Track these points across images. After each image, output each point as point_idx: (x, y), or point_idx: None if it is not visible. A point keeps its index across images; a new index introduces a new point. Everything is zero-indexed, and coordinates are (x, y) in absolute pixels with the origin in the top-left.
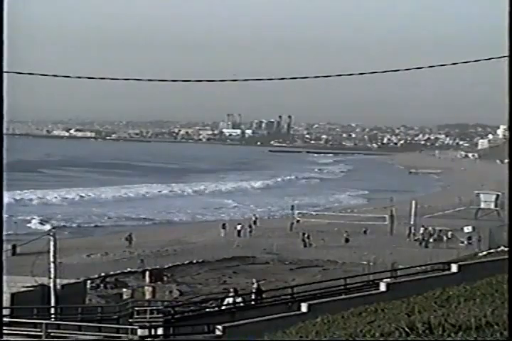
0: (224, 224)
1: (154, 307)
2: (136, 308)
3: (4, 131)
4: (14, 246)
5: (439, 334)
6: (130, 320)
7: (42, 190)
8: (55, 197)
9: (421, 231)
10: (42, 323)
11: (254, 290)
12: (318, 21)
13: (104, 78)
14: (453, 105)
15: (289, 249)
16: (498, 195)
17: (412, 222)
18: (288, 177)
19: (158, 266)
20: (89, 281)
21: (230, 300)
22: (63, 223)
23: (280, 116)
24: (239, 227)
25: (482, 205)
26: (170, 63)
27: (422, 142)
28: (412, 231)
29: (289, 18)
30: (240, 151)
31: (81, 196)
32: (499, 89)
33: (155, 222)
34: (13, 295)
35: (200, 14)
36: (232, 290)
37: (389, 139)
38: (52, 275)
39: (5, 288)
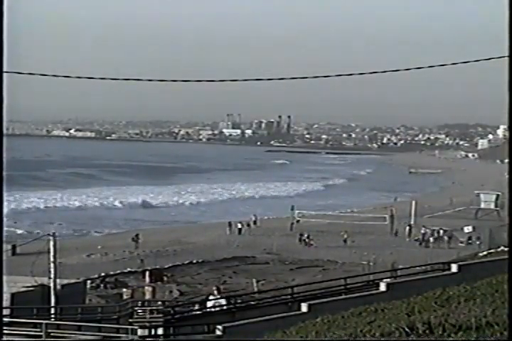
0: (230, 223)
1: (154, 307)
2: (136, 308)
3: (4, 131)
4: (14, 246)
5: (439, 334)
6: (130, 320)
7: (39, 191)
8: (53, 199)
9: (422, 231)
10: (42, 323)
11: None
12: (319, 21)
13: (104, 78)
14: (453, 105)
15: (289, 249)
16: (498, 195)
17: (412, 222)
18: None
19: (158, 266)
20: (89, 281)
21: (212, 302)
22: (62, 223)
23: (280, 116)
24: (239, 226)
25: (482, 205)
26: (170, 63)
27: (422, 142)
28: (407, 230)
29: (290, 17)
30: (245, 151)
31: (76, 197)
32: (499, 89)
33: (154, 223)
34: (13, 295)
35: (200, 13)
36: (214, 288)
37: (389, 139)
38: (52, 275)
39: (5, 288)
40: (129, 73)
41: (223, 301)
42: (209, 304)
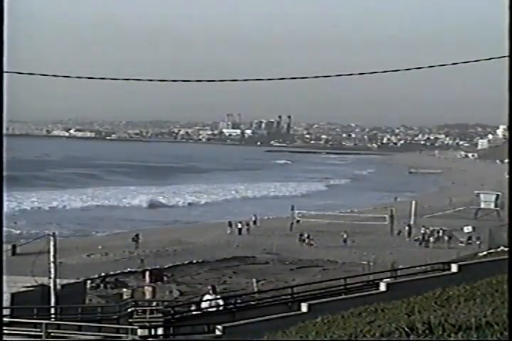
0: (230, 222)
1: (154, 307)
2: (136, 308)
3: (4, 131)
4: (14, 246)
5: (439, 334)
6: (130, 320)
7: (39, 191)
8: (53, 199)
9: (422, 231)
10: (42, 323)
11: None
12: (319, 21)
13: (104, 78)
14: (453, 105)
15: (289, 249)
16: (498, 195)
17: (412, 222)
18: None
19: (158, 266)
20: (89, 281)
21: (208, 298)
22: (62, 223)
23: (280, 116)
24: (239, 226)
25: (482, 205)
26: (170, 62)
27: (422, 142)
28: (407, 230)
29: (290, 17)
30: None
31: (76, 197)
32: (499, 89)
33: (154, 223)
34: (13, 295)
35: (201, 13)
36: (209, 287)
37: (389, 139)
38: (52, 275)
39: (5, 288)
40: (129, 73)
41: (220, 301)
42: (204, 304)
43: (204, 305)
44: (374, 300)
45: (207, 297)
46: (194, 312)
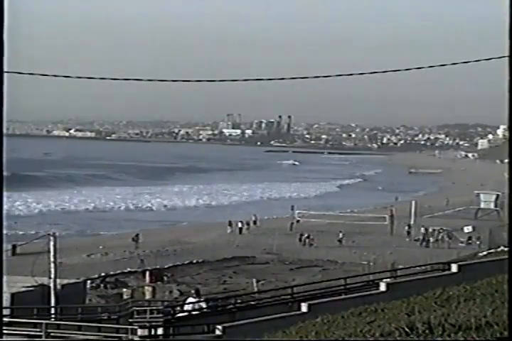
0: (230, 222)
1: (154, 307)
2: (136, 308)
3: (4, 131)
4: (14, 246)
5: (439, 334)
6: (130, 320)
7: (39, 191)
8: (53, 200)
9: (422, 231)
10: (42, 323)
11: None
12: (319, 21)
13: (104, 78)
14: (453, 105)
15: (289, 249)
16: (498, 195)
17: (412, 222)
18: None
19: (158, 266)
20: (89, 281)
21: (192, 301)
22: (62, 223)
23: (280, 116)
24: (240, 225)
25: (482, 205)
26: (170, 63)
27: (422, 142)
28: (407, 230)
29: (290, 17)
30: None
31: (77, 197)
32: (499, 89)
33: (154, 223)
34: (13, 295)
35: (201, 13)
36: (193, 291)
37: (389, 139)
38: (52, 275)
39: (5, 288)
40: (128, 73)
41: (203, 304)
42: (187, 307)
43: (187, 307)
44: (374, 300)
45: (190, 300)
46: (194, 312)
